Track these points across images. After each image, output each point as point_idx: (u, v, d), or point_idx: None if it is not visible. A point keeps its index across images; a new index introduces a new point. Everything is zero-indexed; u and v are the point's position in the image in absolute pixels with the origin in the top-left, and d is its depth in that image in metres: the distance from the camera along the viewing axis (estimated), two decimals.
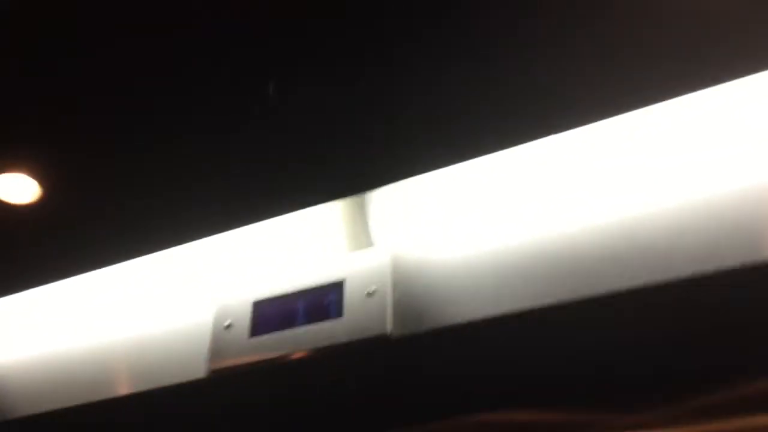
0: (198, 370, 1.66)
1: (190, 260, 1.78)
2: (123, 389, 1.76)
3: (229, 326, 1.66)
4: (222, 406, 1.76)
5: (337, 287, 1.58)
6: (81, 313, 1.93)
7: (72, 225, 1.53)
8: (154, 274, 1.82)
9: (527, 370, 1.54)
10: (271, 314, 1.63)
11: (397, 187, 1.63)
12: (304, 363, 1.56)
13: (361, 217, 1.68)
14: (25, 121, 1.29)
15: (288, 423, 1.78)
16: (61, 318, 1.95)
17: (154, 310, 1.85)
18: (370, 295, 1.53)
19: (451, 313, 1.46)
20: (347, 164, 1.45)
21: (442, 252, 1.55)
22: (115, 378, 1.80)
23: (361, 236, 1.68)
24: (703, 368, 1.42)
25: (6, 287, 1.72)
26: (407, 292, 1.53)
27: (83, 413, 1.82)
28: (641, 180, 1.44)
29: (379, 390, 1.65)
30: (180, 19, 1.18)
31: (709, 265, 1.28)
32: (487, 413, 1.56)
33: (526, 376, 1.55)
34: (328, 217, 1.68)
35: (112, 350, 1.84)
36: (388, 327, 1.47)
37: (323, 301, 1.58)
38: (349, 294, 1.56)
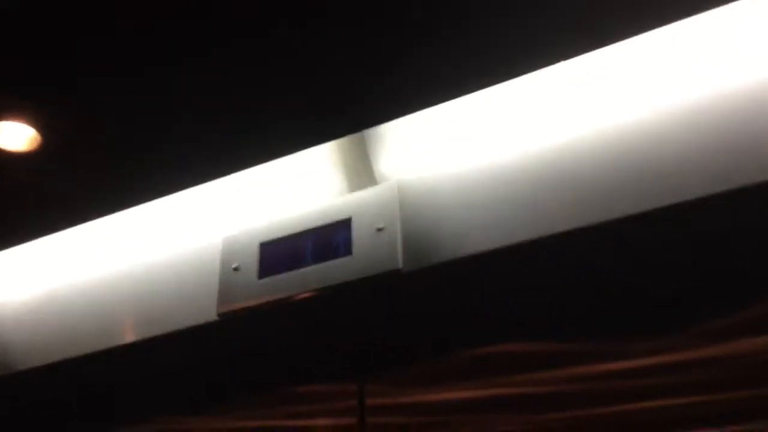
0: (207, 313, 1.66)
1: (196, 204, 1.76)
2: (132, 336, 1.76)
3: (236, 268, 1.66)
4: (232, 349, 1.77)
5: (344, 225, 1.58)
6: (87, 260, 1.92)
7: (72, 172, 1.51)
8: (160, 219, 1.80)
9: (537, 300, 1.55)
10: (279, 255, 1.63)
11: (398, 122, 1.61)
12: (314, 302, 1.57)
13: (362, 155, 1.66)
14: (23, 69, 1.26)
15: (300, 363, 1.79)
16: (67, 266, 1.94)
17: (161, 254, 1.84)
18: (379, 231, 1.52)
19: (461, 246, 1.46)
20: (346, 102, 1.43)
21: (448, 185, 1.55)
22: (125, 324, 1.80)
23: (364, 174, 1.66)
24: (705, 293, 1.44)
25: (7, 237, 1.70)
26: (415, 227, 1.53)
27: (94, 362, 1.83)
28: (643, 104, 1.43)
29: (390, 326, 1.66)
30: None
31: (709, 188, 1.28)
32: (495, 345, 1.58)
33: (536, 307, 1.56)
34: (330, 157, 1.66)
35: (120, 297, 1.84)
36: (400, 262, 1.47)
37: (331, 239, 1.58)
38: (358, 231, 1.55)
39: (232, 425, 1.79)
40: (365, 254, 1.51)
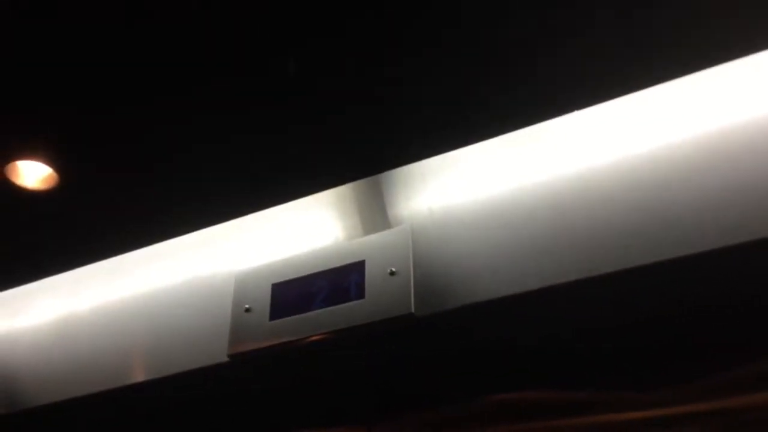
0: (218, 354, 1.65)
1: (208, 244, 1.77)
2: (143, 375, 1.75)
3: (248, 309, 1.65)
4: (243, 390, 1.76)
5: (358, 268, 1.57)
6: (101, 300, 1.92)
7: (88, 211, 1.53)
8: (172, 259, 1.81)
9: (549, 348, 1.53)
10: (291, 297, 1.62)
11: (412, 167, 1.62)
12: (326, 345, 1.55)
13: (377, 198, 1.66)
14: (39, 110, 1.28)
15: (309, 406, 1.77)
16: (80, 306, 1.94)
17: (174, 295, 1.84)
18: (391, 274, 1.52)
19: (473, 291, 1.45)
20: (362, 147, 1.44)
21: (461, 230, 1.54)
22: (135, 364, 1.79)
23: (378, 217, 1.66)
24: (719, 345, 1.42)
25: (24, 274, 1.72)
26: (428, 271, 1.52)
27: (105, 400, 1.82)
28: (663, 155, 1.42)
29: (401, 370, 1.64)
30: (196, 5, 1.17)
31: (728, 240, 1.27)
32: (510, 392, 1.56)
33: (548, 354, 1.54)
34: (344, 199, 1.67)
35: (131, 335, 1.83)
36: (412, 306, 1.46)
37: (344, 282, 1.57)
38: (371, 274, 1.54)
39: None
40: (378, 298, 1.51)
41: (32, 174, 1.36)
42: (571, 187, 1.47)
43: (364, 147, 1.50)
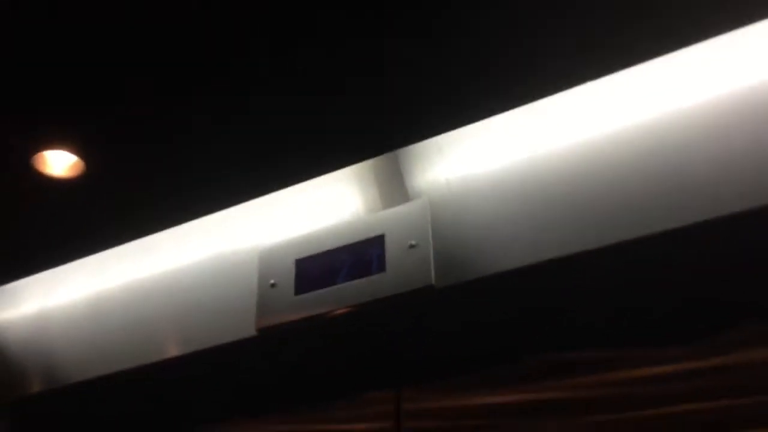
0: (247, 329, 1.70)
1: (232, 221, 1.81)
2: (173, 351, 1.81)
3: (273, 284, 1.70)
4: (272, 364, 1.81)
5: (378, 242, 1.60)
6: (130, 279, 1.97)
7: (113, 197, 1.57)
8: (197, 237, 1.85)
9: (565, 315, 1.56)
10: (314, 271, 1.66)
11: (429, 141, 1.64)
12: (350, 318, 1.60)
13: (395, 172, 1.69)
14: (66, 100, 1.31)
15: (338, 378, 1.82)
16: (111, 284, 2.00)
17: (200, 272, 1.88)
18: (411, 247, 1.55)
19: (492, 262, 1.48)
20: (378, 123, 1.46)
21: (479, 201, 1.56)
22: (164, 340, 1.85)
23: (397, 191, 1.69)
24: (733, 304, 1.44)
25: (54, 257, 1.77)
26: (447, 243, 1.55)
27: (136, 376, 1.88)
28: (677, 121, 1.43)
29: (424, 340, 1.68)
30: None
31: (744, 205, 1.28)
32: (531, 356, 1.59)
33: (567, 318, 1.57)
34: (363, 174, 1.69)
35: (159, 313, 1.89)
36: (432, 278, 1.50)
37: (365, 256, 1.60)
38: (391, 248, 1.58)
39: (271, 428, 1.81)
40: (398, 270, 1.54)
41: (59, 163, 1.41)
42: (586, 156, 1.48)
43: (381, 123, 1.52)
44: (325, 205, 1.76)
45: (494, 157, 1.59)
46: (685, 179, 1.36)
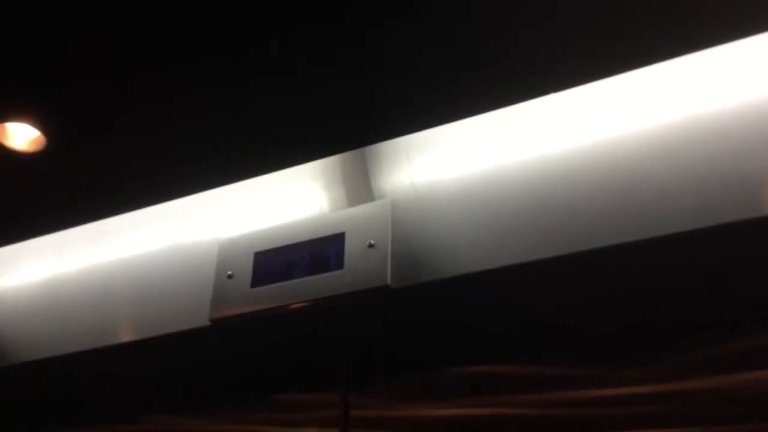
0: (201, 318, 1.69)
1: (194, 211, 1.80)
2: (126, 336, 1.79)
3: (230, 276, 1.69)
4: (223, 355, 1.80)
5: (338, 239, 1.60)
6: (85, 260, 1.95)
7: (74, 174, 1.55)
8: (158, 224, 1.84)
9: (522, 322, 1.58)
10: (272, 265, 1.66)
11: (398, 142, 1.65)
12: (305, 313, 1.59)
13: (361, 171, 1.69)
14: (27, 72, 1.30)
15: (287, 372, 1.82)
16: (65, 265, 1.98)
17: (158, 259, 1.87)
18: (370, 247, 1.55)
19: (449, 266, 1.48)
20: (348, 119, 1.47)
21: (441, 206, 1.57)
22: (119, 325, 1.83)
23: (361, 190, 1.69)
24: (690, 324, 1.46)
25: (11, 234, 1.74)
26: (406, 245, 1.55)
27: (86, 359, 1.86)
28: (641, 137, 1.45)
29: (378, 340, 1.69)
30: None
31: (703, 221, 1.31)
32: (481, 365, 1.60)
33: (522, 328, 1.59)
34: (329, 171, 1.70)
35: (115, 298, 1.87)
36: (388, 278, 1.50)
37: (324, 253, 1.61)
38: (350, 246, 1.58)
39: (215, 428, 1.81)
40: (356, 269, 1.54)
41: (20, 136, 1.39)
42: (551, 168, 1.50)
43: (349, 120, 1.53)
44: (289, 200, 1.75)
45: (460, 164, 1.59)
46: (638, 196, 1.38)
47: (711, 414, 1.35)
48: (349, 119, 1.51)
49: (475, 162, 1.58)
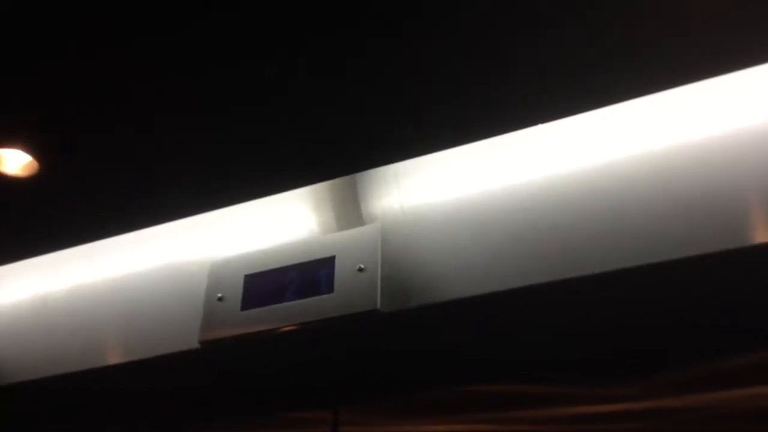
0: (190, 340, 1.70)
1: (185, 232, 1.81)
2: (115, 358, 1.79)
3: (221, 298, 1.70)
4: (212, 377, 1.81)
5: (328, 263, 1.62)
6: (77, 281, 1.96)
7: (67, 198, 1.56)
8: (149, 245, 1.85)
9: (510, 345, 1.59)
10: (263, 288, 1.67)
11: (387, 167, 1.67)
12: (295, 336, 1.61)
13: (351, 195, 1.71)
14: (20, 99, 1.32)
15: (277, 395, 1.82)
16: (58, 287, 1.98)
17: (148, 280, 1.88)
18: (360, 271, 1.57)
19: (437, 291, 1.50)
20: (338, 147, 1.49)
21: (430, 231, 1.59)
22: (108, 346, 1.84)
23: (352, 214, 1.71)
24: (674, 347, 1.49)
25: (4, 256, 1.75)
26: (395, 269, 1.57)
27: (77, 380, 1.86)
28: (629, 168, 1.47)
29: (367, 361, 1.70)
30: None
31: (689, 251, 1.33)
32: (469, 384, 1.62)
33: (509, 350, 1.60)
34: (320, 196, 1.72)
35: (105, 318, 1.87)
36: (378, 303, 1.52)
37: (314, 276, 1.62)
38: (340, 270, 1.59)
39: None
40: (346, 292, 1.56)
41: (13, 162, 1.40)
42: (538, 194, 1.52)
43: (341, 146, 1.55)
44: (280, 223, 1.77)
45: (449, 189, 1.62)
46: (624, 224, 1.40)
47: (691, 429, 1.38)
48: (341, 146, 1.53)
49: (464, 187, 1.60)
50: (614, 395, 1.48)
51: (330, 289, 1.58)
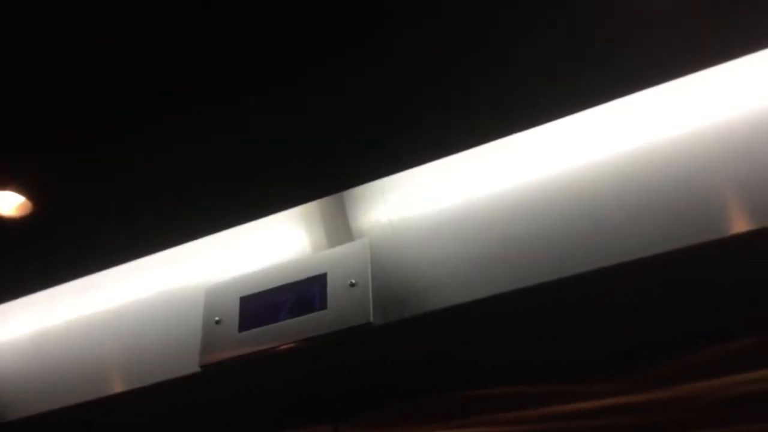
0: (190, 365, 1.73)
1: (179, 260, 1.85)
2: (119, 386, 1.82)
3: (218, 321, 1.73)
4: (214, 400, 1.84)
5: (320, 280, 1.66)
6: (75, 314, 1.99)
7: (60, 236, 1.60)
8: (144, 273, 1.88)
9: (502, 348, 1.63)
10: (258, 309, 1.71)
11: (373, 183, 1.71)
12: (292, 353, 1.64)
13: (339, 212, 1.75)
14: (12, 142, 1.35)
15: (278, 413, 1.86)
16: (56, 321, 2.01)
17: (146, 309, 1.91)
18: (352, 286, 1.61)
19: (428, 301, 1.54)
20: (327, 165, 1.53)
21: (417, 242, 1.63)
22: (109, 376, 1.86)
23: (341, 230, 1.75)
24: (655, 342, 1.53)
25: (2, 294, 1.78)
26: (386, 283, 1.61)
27: (80, 412, 1.89)
28: (608, 165, 1.52)
29: (364, 374, 1.73)
30: (168, 33, 1.24)
31: (664, 246, 1.38)
32: (464, 391, 1.66)
33: (502, 353, 1.64)
34: (309, 215, 1.76)
35: (105, 348, 1.90)
36: (371, 316, 1.56)
37: (307, 294, 1.66)
38: (332, 286, 1.63)
39: None
40: (339, 308, 1.60)
41: (7, 203, 1.44)
42: (519, 200, 1.57)
43: (327, 166, 1.59)
44: (272, 243, 1.81)
45: (434, 200, 1.66)
46: (604, 224, 1.45)
47: (682, 419, 1.42)
48: (327, 165, 1.56)
49: (447, 197, 1.65)
50: (607, 390, 1.52)
51: (323, 305, 1.62)
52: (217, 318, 1.75)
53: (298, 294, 1.67)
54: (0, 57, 1.20)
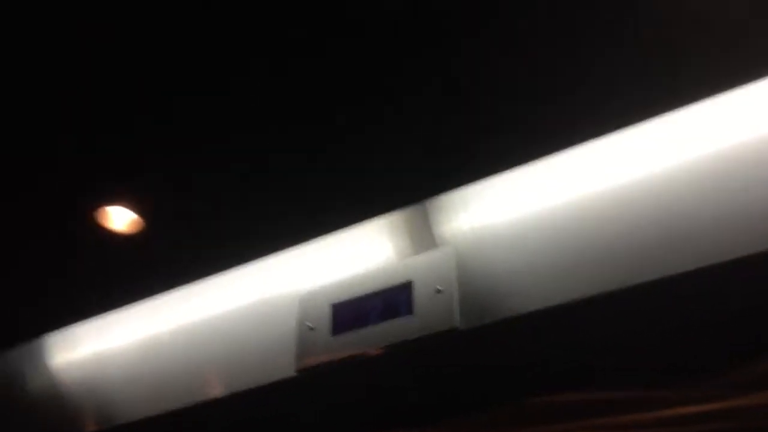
0: (286, 369, 1.81)
1: (274, 270, 1.94)
2: (220, 391, 1.92)
3: (311, 328, 1.81)
4: (310, 403, 1.92)
5: (406, 287, 1.72)
6: (179, 323, 2.10)
7: (169, 249, 1.71)
8: (241, 282, 1.99)
9: (587, 353, 1.65)
10: (349, 315, 1.78)
11: (455, 192, 1.76)
12: (382, 358, 1.70)
13: (423, 221, 1.81)
14: (128, 161, 1.46)
15: (369, 413, 1.92)
16: (162, 328, 2.13)
17: (244, 316, 2.01)
18: (438, 292, 1.66)
19: (513, 305, 1.58)
20: (410, 176, 1.60)
21: (502, 248, 1.67)
22: (213, 381, 1.96)
23: (425, 238, 1.80)
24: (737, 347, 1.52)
25: (108, 304, 1.90)
26: (472, 288, 1.65)
27: (184, 416, 1.99)
28: (678, 175, 1.53)
29: (450, 379, 1.78)
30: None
31: (746, 251, 1.38)
32: (551, 395, 1.68)
33: (587, 359, 1.66)
34: (394, 224, 1.82)
35: (208, 356, 2.01)
36: (457, 321, 1.60)
37: (395, 300, 1.72)
38: (418, 293, 1.69)
39: None
40: (425, 314, 1.65)
41: (120, 219, 1.55)
42: (599, 206, 1.59)
43: (411, 177, 1.65)
44: (360, 252, 1.88)
45: (515, 208, 1.70)
46: (690, 227, 1.46)
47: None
48: (410, 176, 1.63)
49: (527, 205, 1.68)
50: (694, 397, 1.51)
51: (410, 311, 1.68)
52: (310, 324, 1.82)
53: (385, 301, 1.74)
54: (113, 81, 1.31)
